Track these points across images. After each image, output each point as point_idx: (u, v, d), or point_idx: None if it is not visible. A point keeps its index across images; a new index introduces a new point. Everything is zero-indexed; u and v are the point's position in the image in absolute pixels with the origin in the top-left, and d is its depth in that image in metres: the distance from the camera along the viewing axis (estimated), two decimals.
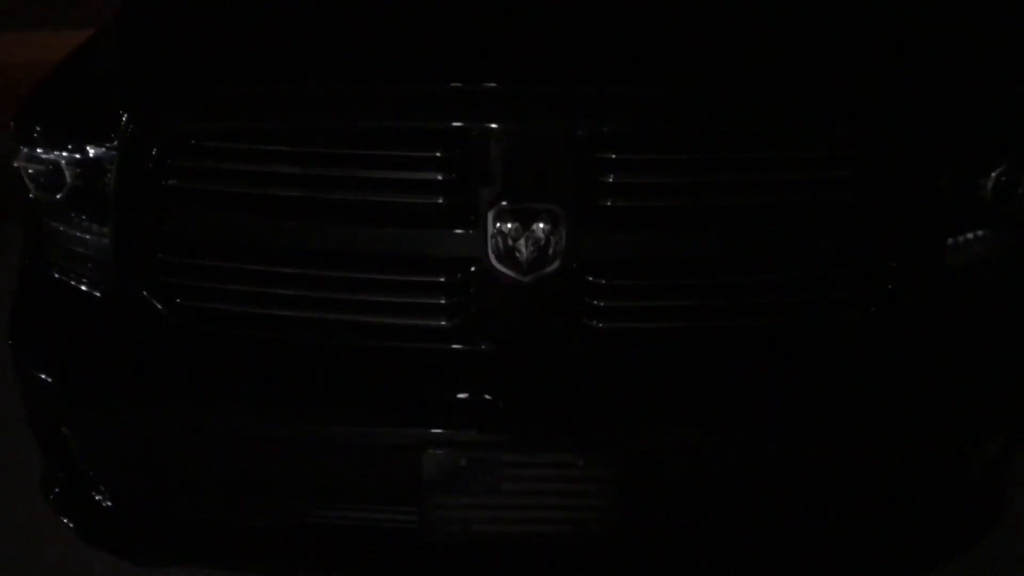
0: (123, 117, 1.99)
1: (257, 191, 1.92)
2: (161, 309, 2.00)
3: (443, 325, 1.93)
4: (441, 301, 1.92)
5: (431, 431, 1.92)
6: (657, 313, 1.94)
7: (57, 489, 2.23)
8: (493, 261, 1.86)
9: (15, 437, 2.54)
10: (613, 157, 1.86)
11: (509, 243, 1.84)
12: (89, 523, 2.21)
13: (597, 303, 1.91)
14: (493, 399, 1.93)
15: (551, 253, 1.85)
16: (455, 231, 1.88)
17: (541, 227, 1.84)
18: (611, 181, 1.87)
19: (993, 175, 2.01)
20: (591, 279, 1.90)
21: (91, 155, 2.03)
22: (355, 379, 1.96)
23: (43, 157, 2.06)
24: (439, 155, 1.86)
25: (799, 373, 1.98)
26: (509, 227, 1.84)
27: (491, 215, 1.84)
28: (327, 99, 1.94)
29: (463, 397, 1.95)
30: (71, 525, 2.22)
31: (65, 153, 2.04)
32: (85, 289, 2.11)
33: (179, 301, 2.00)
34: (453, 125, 1.86)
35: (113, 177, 1.99)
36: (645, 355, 1.97)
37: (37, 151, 2.07)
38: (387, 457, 1.97)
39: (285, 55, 2.08)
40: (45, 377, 2.06)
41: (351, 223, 1.90)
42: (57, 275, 2.14)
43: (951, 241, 2.01)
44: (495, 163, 1.85)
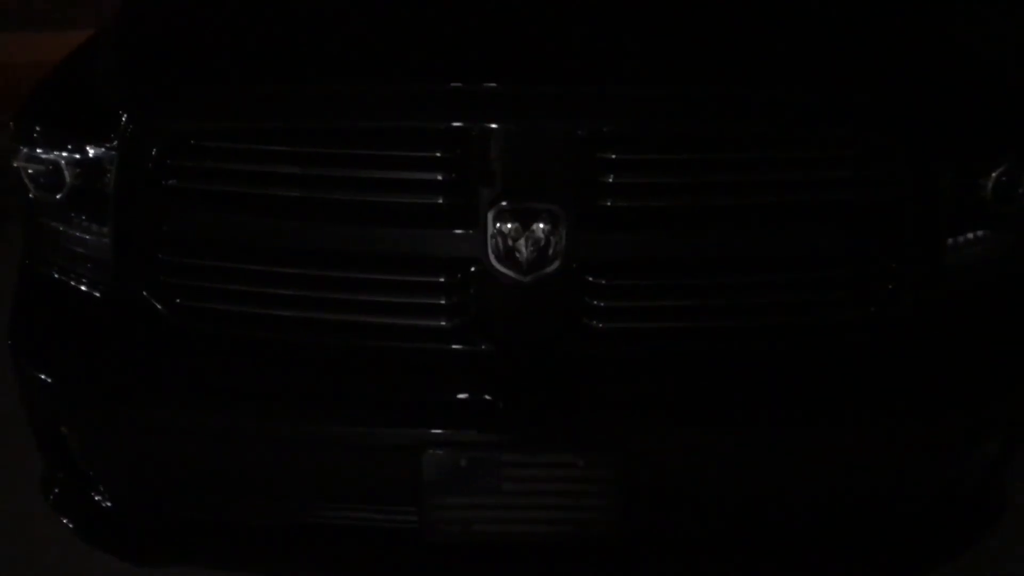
0: (123, 117, 1.99)
1: (257, 191, 1.93)
2: (161, 309, 2.00)
3: (443, 325, 1.93)
4: (441, 301, 1.92)
5: (431, 431, 1.92)
6: (657, 313, 1.94)
7: (57, 489, 2.23)
8: (493, 261, 1.86)
9: (15, 437, 2.54)
10: (613, 157, 1.86)
11: (509, 243, 1.84)
12: (89, 523, 2.20)
13: (597, 303, 1.91)
14: (493, 399, 1.93)
15: (551, 253, 1.85)
16: (455, 231, 1.88)
17: (541, 227, 1.84)
18: (611, 181, 1.87)
19: (993, 175, 2.01)
20: (591, 279, 1.90)
21: (91, 155, 2.03)
22: (355, 379, 1.96)
23: (43, 157, 2.06)
24: (439, 155, 1.86)
25: (799, 373, 1.98)
26: (509, 227, 1.84)
27: (491, 215, 1.84)
28: (327, 99, 1.94)
29: (463, 397, 1.95)
30: (71, 525, 2.22)
31: (65, 153, 2.04)
32: (85, 289, 2.11)
33: (179, 301, 2.00)
34: (453, 125, 1.86)
35: (113, 177, 2.00)
36: (645, 355, 1.97)
37: (37, 151, 2.07)
38: (387, 457, 1.97)
39: (285, 55, 2.08)
40: (45, 377, 2.06)
41: (351, 223, 1.90)
42: (57, 275, 2.14)
43: (951, 241, 2.01)
44: (495, 163, 1.85)
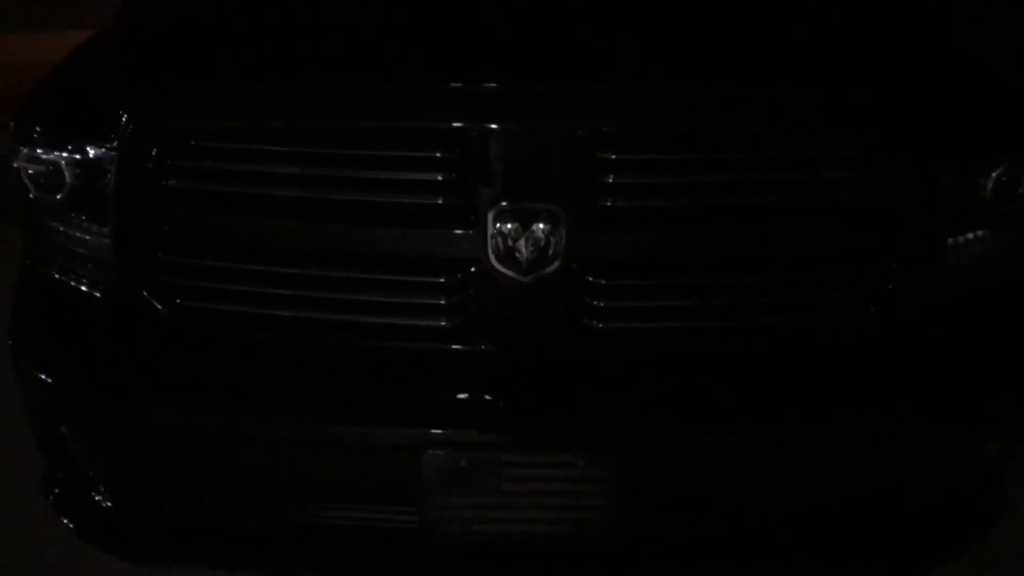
0: (123, 117, 1.99)
1: (257, 191, 1.92)
2: (161, 309, 2.00)
3: (443, 325, 1.93)
4: (441, 301, 1.92)
5: (431, 431, 1.92)
6: (657, 313, 1.94)
7: (57, 489, 2.23)
8: (493, 261, 1.86)
9: (15, 437, 2.54)
10: (613, 157, 1.86)
11: (509, 243, 1.84)
12: (89, 523, 2.20)
13: (597, 303, 1.91)
14: (493, 399, 1.93)
15: (551, 253, 1.85)
16: (455, 231, 1.88)
17: (541, 227, 1.83)
18: (611, 181, 1.87)
19: (993, 175, 2.01)
20: (591, 279, 1.90)
21: (91, 155, 2.02)
22: (355, 379, 1.96)
23: (43, 157, 2.06)
24: (439, 155, 1.86)
25: (799, 373, 1.98)
26: (509, 227, 1.83)
27: (491, 215, 1.84)
28: (327, 99, 1.94)
29: (463, 397, 1.95)
30: (71, 525, 2.22)
31: (65, 153, 2.04)
32: (85, 289, 2.11)
33: (179, 301, 2.00)
34: (453, 125, 1.86)
35: (113, 177, 1.99)
36: (645, 355, 1.97)
37: (37, 151, 2.07)
38: (387, 457, 1.97)
39: (285, 55, 2.08)
40: (45, 377, 2.06)
41: (351, 223, 1.90)
42: (57, 275, 2.14)
43: (951, 241, 2.01)
44: (495, 163, 1.85)
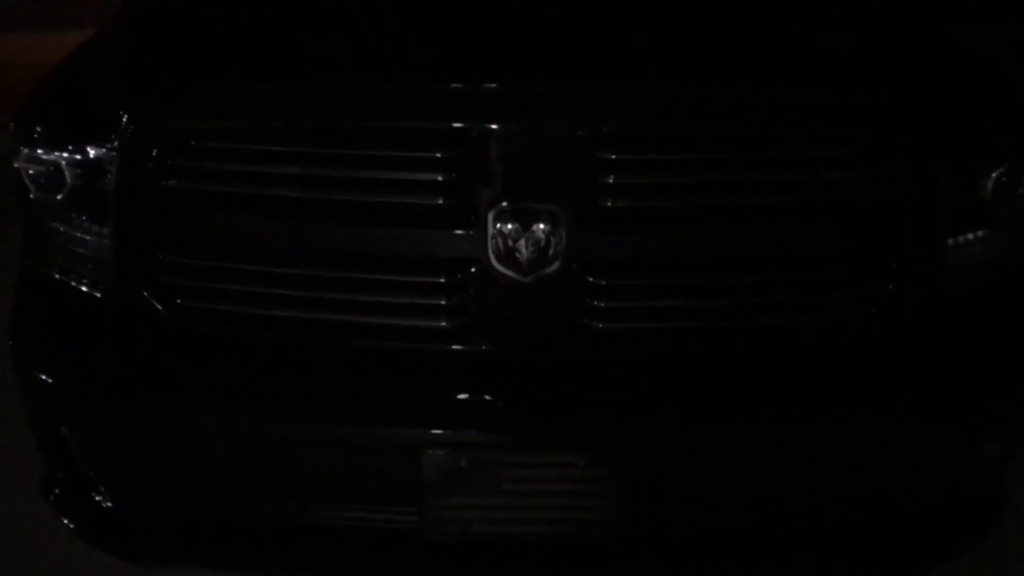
0: (123, 117, 1.99)
1: (257, 192, 1.92)
2: (161, 310, 2.00)
3: (443, 326, 1.93)
4: (441, 302, 1.92)
5: (431, 432, 1.92)
6: (657, 313, 1.94)
7: (57, 489, 2.23)
8: (493, 262, 1.86)
9: (15, 437, 2.54)
10: (613, 157, 1.86)
11: (509, 244, 1.84)
12: (89, 523, 2.20)
13: (597, 304, 1.91)
14: (493, 400, 1.93)
15: (551, 254, 1.85)
16: (455, 232, 1.88)
17: (541, 228, 1.83)
18: (611, 182, 1.87)
19: (993, 175, 2.01)
20: (591, 280, 1.90)
21: (91, 156, 2.02)
22: (355, 380, 1.96)
23: (43, 158, 2.06)
24: (439, 156, 1.86)
25: (799, 373, 1.98)
26: (509, 228, 1.83)
27: (491, 216, 1.84)
28: (327, 99, 1.94)
29: (463, 398, 1.95)
30: (71, 525, 2.22)
31: (65, 154, 2.04)
32: (85, 290, 2.11)
33: (179, 302, 2.00)
34: (454, 126, 1.86)
35: (113, 178, 1.99)
36: (645, 355, 1.97)
37: (37, 152, 2.07)
38: (387, 458, 1.96)
39: (285, 55, 2.08)
40: (45, 377, 2.06)
41: (351, 224, 1.90)
42: (57, 276, 2.14)
43: (951, 241, 2.01)
44: (495, 163, 1.85)
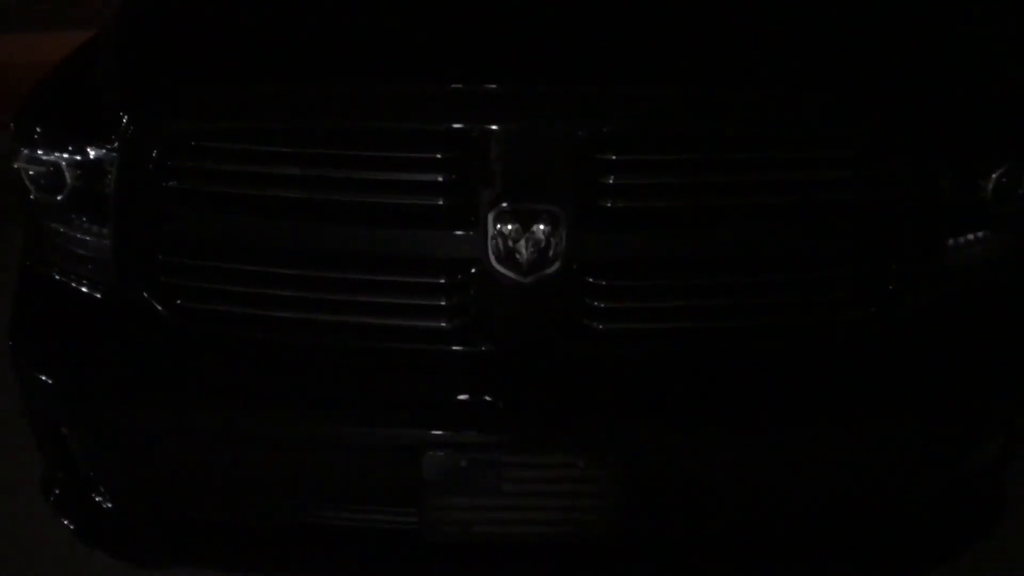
0: (123, 118, 1.99)
1: (257, 192, 1.92)
2: (161, 310, 2.01)
3: (443, 326, 1.93)
4: (441, 302, 1.92)
5: (431, 432, 1.92)
6: (657, 314, 1.94)
7: (57, 490, 2.23)
8: (493, 262, 1.86)
9: (15, 437, 2.54)
10: (613, 158, 1.86)
11: (509, 244, 1.84)
12: (89, 524, 2.21)
13: (597, 304, 1.91)
14: (493, 400, 1.93)
15: (551, 254, 1.85)
16: (455, 232, 1.88)
17: (541, 228, 1.83)
18: (611, 182, 1.87)
19: (993, 176, 2.01)
20: (591, 280, 1.90)
21: (91, 156, 2.03)
22: (355, 380, 1.96)
23: (43, 158, 2.06)
24: (439, 156, 1.86)
25: (799, 373, 1.98)
26: (509, 228, 1.83)
27: (491, 216, 1.84)
28: (328, 99, 1.94)
29: (463, 398, 1.95)
30: (71, 526, 2.22)
31: (65, 154, 2.04)
32: (85, 290, 2.11)
33: (179, 302, 2.00)
34: (454, 126, 1.86)
35: (113, 178, 2.00)
36: (645, 356, 1.97)
37: (37, 152, 2.07)
38: (387, 458, 1.97)
39: (285, 55, 2.08)
40: (45, 378, 2.06)
41: (351, 224, 1.90)
42: (57, 276, 2.14)
43: (951, 241, 2.01)
44: (495, 164, 1.85)
